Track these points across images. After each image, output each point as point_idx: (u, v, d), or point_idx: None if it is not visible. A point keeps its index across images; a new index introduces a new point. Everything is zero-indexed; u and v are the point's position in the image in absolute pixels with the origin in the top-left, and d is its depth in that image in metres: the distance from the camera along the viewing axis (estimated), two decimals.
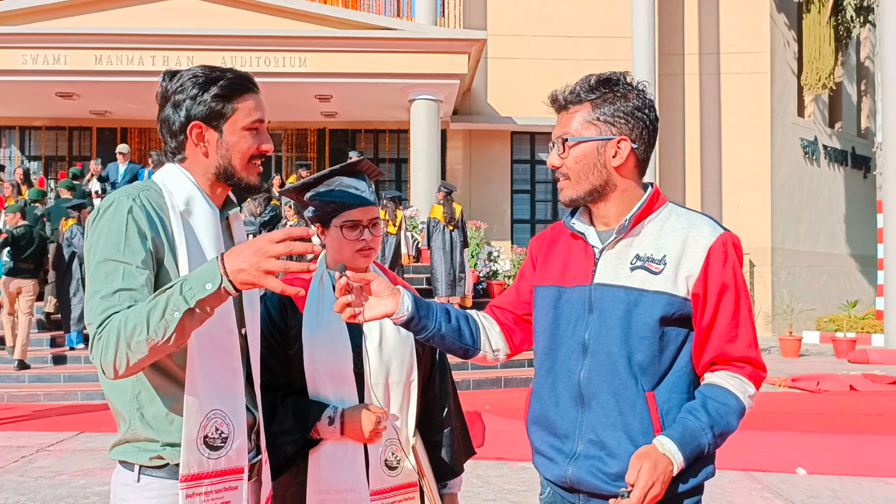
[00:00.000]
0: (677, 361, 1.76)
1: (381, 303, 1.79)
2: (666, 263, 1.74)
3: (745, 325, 1.76)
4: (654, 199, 1.81)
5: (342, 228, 2.12)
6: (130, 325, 1.55)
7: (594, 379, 1.76)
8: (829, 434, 7.11)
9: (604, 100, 1.77)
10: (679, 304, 1.73)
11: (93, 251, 1.69)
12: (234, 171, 1.82)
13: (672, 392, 1.76)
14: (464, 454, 2.31)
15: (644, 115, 1.77)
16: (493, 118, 17.42)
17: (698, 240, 1.74)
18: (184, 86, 1.79)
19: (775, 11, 18.70)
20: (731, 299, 1.74)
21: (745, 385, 1.76)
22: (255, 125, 1.82)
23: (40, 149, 17.74)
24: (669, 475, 1.67)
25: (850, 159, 21.16)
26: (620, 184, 1.78)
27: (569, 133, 1.78)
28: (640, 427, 1.73)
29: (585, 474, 1.77)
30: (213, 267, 1.55)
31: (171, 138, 1.82)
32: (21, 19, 14.09)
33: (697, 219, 1.79)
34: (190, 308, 1.53)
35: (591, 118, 1.77)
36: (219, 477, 1.74)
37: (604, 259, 1.80)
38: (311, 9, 14.43)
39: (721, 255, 1.73)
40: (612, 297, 1.76)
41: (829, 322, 16.67)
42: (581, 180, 1.78)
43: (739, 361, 1.76)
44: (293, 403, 2.07)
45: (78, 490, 5.34)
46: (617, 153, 1.76)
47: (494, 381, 10.20)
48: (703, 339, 1.76)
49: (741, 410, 1.75)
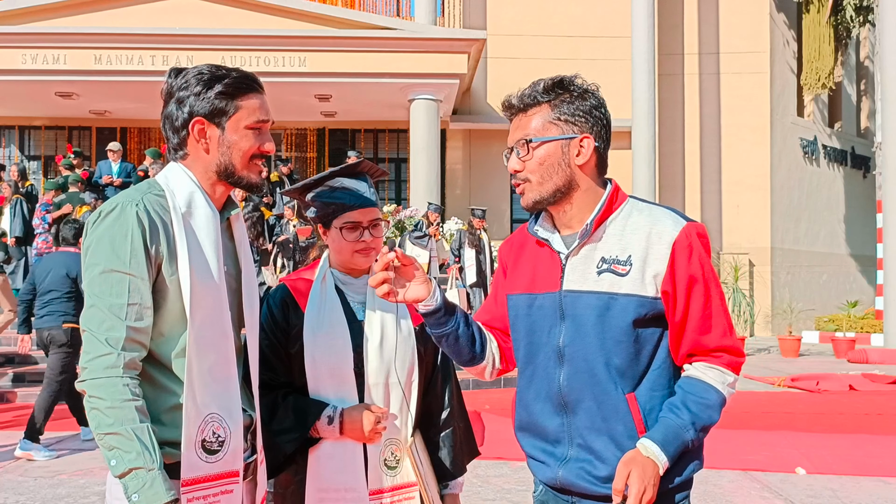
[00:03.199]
0: (655, 360, 1.77)
1: (416, 287, 1.80)
2: (632, 264, 1.73)
3: (717, 316, 1.76)
4: (614, 197, 1.79)
5: (342, 229, 2.12)
6: (110, 416, 1.60)
7: (574, 385, 1.77)
8: (828, 434, 7.11)
9: (561, 100, 1.76)
10: (650, 304, 1.73)
11: (95, 256, 1.69)
12: (235, 170, 1.82)
13: (653, 391, 1.76)
14: (466, 455, 2.31)
15: (601, 114, 1.77)
16: (493, 118, 17.42)
17: (661, 236, 1.73)
18: (188, 82, 1.79)
19: (775, 11, 18.70)
20: (700, 291, 1.74)
21: (724, 375, 1.77)
22: (257, 125, 1.82)
23: (40, 148, 17.74)
24: (658, 476, 1.69)
25: (849, 159, 21.17)
26: (583, 183, 1.77)
27: (530, 134, 1.76)
28: (624, 431, 1.74)
29: (575, 478, 1.78)
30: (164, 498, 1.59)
31: (174, 134, 1.82)
32: (21, 19, 14.09)
33: (659, 213, 1.77)
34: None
35: (552, 118, 1.76)
36: (215, 480, 1.74)
37: (570, 265, 1.78)
38: (311, 9, 14.44)
39: (686, 249, 1.73)
40: (584, 304, 1.75)
41: (828, 322, 16.68)
42: (545, 181, 1.76)
43: (717, 351, 1.77)
44: (293, 402, 2.07)
45: (77, 490, 5.34)
46: (580, 152, 1.75)
47: (494, 380, 10.19)
48: (677, 333, 1.76)
49: (721, 402, 1.76)
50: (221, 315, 1.78)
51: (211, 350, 1.75)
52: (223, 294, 1.79)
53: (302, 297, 2.14)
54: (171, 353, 1.73)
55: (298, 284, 2.18)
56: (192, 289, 1.71)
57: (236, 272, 1.89)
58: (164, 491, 1.59)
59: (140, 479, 1.58)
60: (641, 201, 1.83)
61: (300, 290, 2.16)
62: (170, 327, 1.73)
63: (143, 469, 1.58)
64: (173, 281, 1.71)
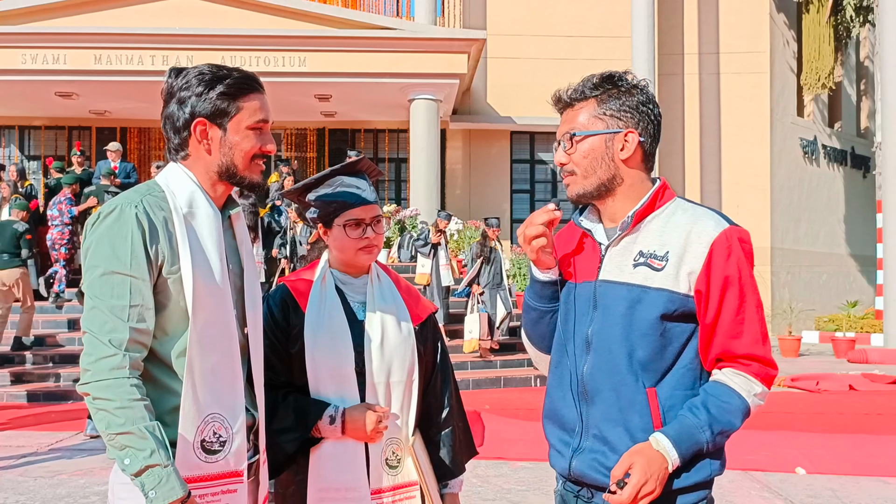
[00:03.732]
0: (681, 358, 1.76)
1: (551, 255, 1.84)
2: (668, 260, 1.73)
3: (750, 322, 1.73)
4: (659, 194, 1.80)
5: (345, 227, 2.13)
6: (120, 417, 1.61)
7: (596, 375, 1.77)
8: (828, 434, 7.12)
9: (609, 95, 1.77)
10: (680, 300, 1.72)
11: (95, 258, 1.69)
12: (237, 170, 1.82)
13: (675, 388, 1.75)
14: (465, 454, 2.31)
15: (648, 110, 1.78)
16: (493, 118, 17.42)
17: (701, 235, 1.73)
18: (189, 83, 1.79)
19: (775, 11, 18.70)
20: (734, 295, 1.72)
21: (750, 383, 1.74)
22: (259, 125, 1.82)
23: (40, 148, 17.74)
24: (664, 472, 1.67)
25: (849, 159, 21.18)
26: (627, 178, 1.78)
27: (575, 128, 1.79)
28: (639, 423, 1.73)
29: (587, 468, 1.78)
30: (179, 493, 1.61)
31: (175, 135, 1.81)
32: (20, 19, 14.09)
33: (703, 214, 1.77)
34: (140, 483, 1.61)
35: (598, 113, 1.77)
36: (217, 480, 1.75)
37: (609, 256, 1.80)
38: (311, 8, 14.44)
39: (724, 251, 1.71)
40: (615, 294, 1.76)
41: (828, 322, 16.67)
42: (589, 175, 1.78)
43: (745, 359, 1.74)
44: (294, 402, 2.08)
45: (77, 489, 5.34)
46: (625, 146, 1.76)
47: (494, 380, 10.20)
48: (708, 335, 1.75)
49: (744, 409, 1.73)
50: (226, 314, 1.78)
51: (215, 349, 1.75)
52: (227, 293, 1.79)
53: (302, 297, 2.14)
54: (175, 352, 1.73)
55: (298, 285, 2.18)
56: (194, 288, 1.71)
57: (239, 270, 1.90)
58: (179, 486, 1.61)
59: (156, 476, 1.59)
60: (688, 202, 1.83)
61: (300, 290, 2.16)
62: (173, 327, 1.73)
63: (158, 466, 1.59)
64: (176, 281, 1.71)
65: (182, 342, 1.72)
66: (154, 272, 1.70)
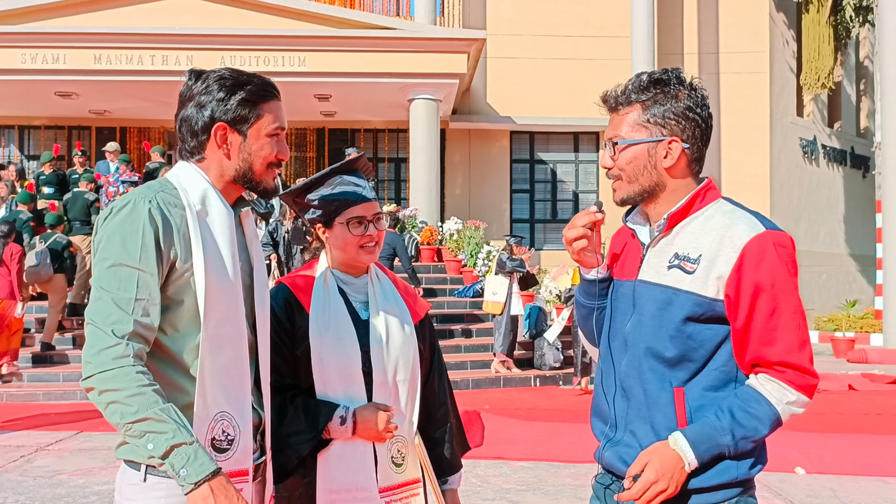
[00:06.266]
0: (713, 360, 1.75)
1: (591, 255, 1.86)
2: (699, 263, 1.73)
3: (785, 329, 1.70)
4: (699, 196, 1.79)
5: (347, 225, 2.13)
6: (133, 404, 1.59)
7: (630, 372, 1.79)
8: (827, 433, 7.12)
9: (654, 101, 1.76)
10: (707, 304, 1.71)
11: (106, 251, 1.68)
12: (254, 176, 1.83)
13: (706, 390, 1.74)
14: (460, 450, 2.34)
15: (696, 115, 1.77)
16: (493, 117, 17.42)
17: (733, 239, 1.71)
18: (210, 87, 1.79)
19: (774, 11, 18.71)
20: (767, 301, 1.69)
21: (783, 391, 1.71)
22: (276, 132, 1.84)
23: (39, 148, 17.70)
24: (681, 472, 1.67)
25: (849, 159, 21.19)
26: (670, 184, 1.78)
27: (619, 136, 1.78)
28: (663, 421, 1.74)
29: (615, 459, 1.80)
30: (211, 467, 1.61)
31: (192, 138, 1.81)
32: (20, 18, 14.08)
33: (740, 217, 1.75)
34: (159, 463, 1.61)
35: (642, 120, 1.77)
36: None
37: (648, 257, 1.81)
38: (311, 8, 14.43)
39: (756, 255, 1.69)
40: (650, 295, 1.77)
41: (828, 322, 16.68)
42: (632, 181, 1.79)
43: (779, 366, 1.71)
44: (303, 404, 2.07)
45: (77, 489, 5.34)
46: (668, 154, 1.76)
47: (493, 380, 10.21)
48: (741, 340, 1.73)
49: (773, 417, 1.71)
50: (237, 312, 1.79)
51: (226, 348, 1.76)
52: (239, 291, 1.80)
53: (303, 294, 2.14)
54: (186, 350, 1.73)
55: (298, 281, 2.18)
56: (207, 286, 1.71)
57: (249, 268, 1.90)
58: (209, 461, 1.61)
59: (184, 454, 1.59)
60: (732, 204, 1.80)
61: (301, 287, 2.16)
62: (185, 324, 1.73)
63: (184, 444, 1.59)
64: (188, 278, 1.71)
65: (194, 340, 1.72)
66: (165, 268, 1.70)
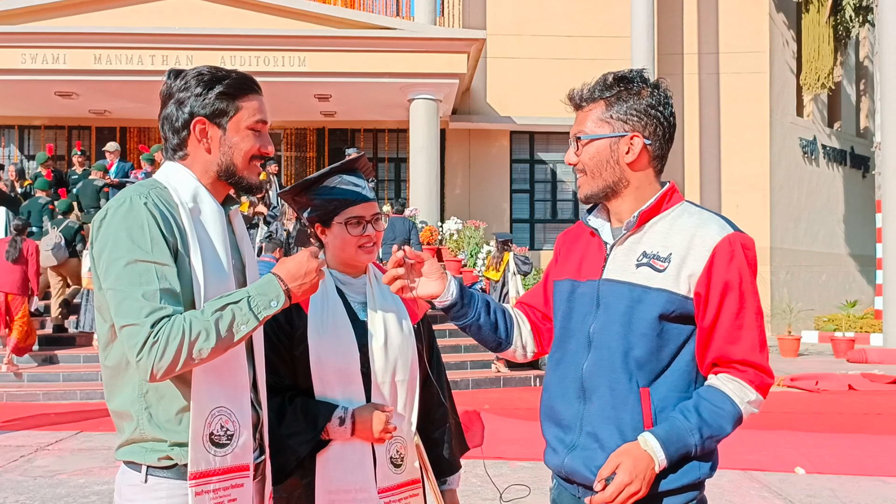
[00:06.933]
0: (677, 360, 1.77)
1: (430, 283, 1.88)
2: (670, 261, 1.74)
3: (749, 328, 1.74)
4: (666, 197, 1.82)
5: (346, 225, 2.13)
6: (195, 331, 1.60)
7: (595, 372, 1.78)
8: (827, 433, 7.12)
9: (618, 98, 1.79)
10: (679, 302, 1.73)
11: (116, 251, 1.66)
12: (236, 170, 1.83)
13: (670, 390, 1.76)
14: (460, 450, 2.34)
15: (658, 113, 1.79)
16: (493, 118, 17.41)
17: (704, 239, 1.74)
18: (188, 84, 1.80)
19: (774, 11, 18.71)
20: (734, 300, 1.72)
21: (745, 390, 1.74)
22: (257, 126, 1.84)
23: (39, 148, 17.70)
24: (651, 473, 1.68)
25: (848, 159, 21.18)
26: (634, 180, 1.81)
27: (583, 131, 1.82)
28: (630, 422, 1.74)
29: (579, 465, 1.79)
30: (274, 285, 1.69)
31: (174, 135, 1.82)
32: (20, 18, 14.08)
33: (708, 218, 1.79)
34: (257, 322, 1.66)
35: (605, 116, 1.80)
36: (226, 474, 1.74)
37: (613, 255, 1.82)
38: (311, 8, 14.43)
39: (726, 255, 1.72)
40: (617, 293, 1.77)
41: (827, 322, 16.67)
42: (596, 176, 1.81)
43: (741, 364, 1.74)
44: (301, 404, 2.07)
45: (77, 489, 5.34)
46: (630, 149, 1.78)
47: (493, 380, 10.20)
48: (705, 339, 1.75)
49: (736, 415, 1.73)
50: None
51: None
52: (232, 287, 1.80)
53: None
54: None
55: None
56: (205, 282, 1.71)
57: (241, 265, 1.91)
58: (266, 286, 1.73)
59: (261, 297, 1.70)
60: (695, 206, 1.84)
61: None
62: None
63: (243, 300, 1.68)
64: (185, 274, 1.71)
65: None
66: (174, 257, 1.70)
